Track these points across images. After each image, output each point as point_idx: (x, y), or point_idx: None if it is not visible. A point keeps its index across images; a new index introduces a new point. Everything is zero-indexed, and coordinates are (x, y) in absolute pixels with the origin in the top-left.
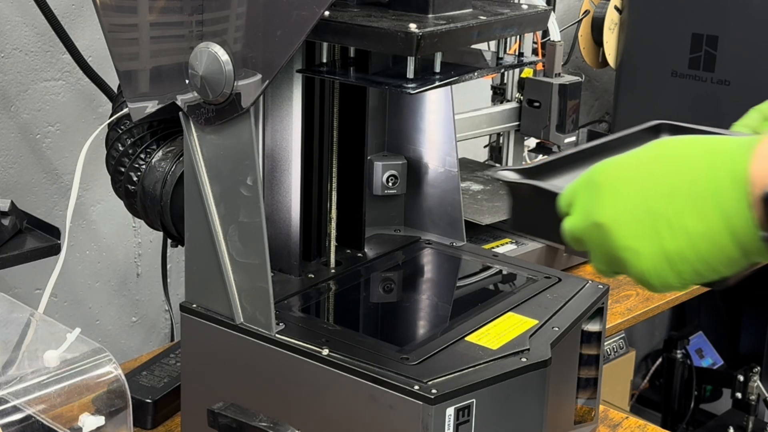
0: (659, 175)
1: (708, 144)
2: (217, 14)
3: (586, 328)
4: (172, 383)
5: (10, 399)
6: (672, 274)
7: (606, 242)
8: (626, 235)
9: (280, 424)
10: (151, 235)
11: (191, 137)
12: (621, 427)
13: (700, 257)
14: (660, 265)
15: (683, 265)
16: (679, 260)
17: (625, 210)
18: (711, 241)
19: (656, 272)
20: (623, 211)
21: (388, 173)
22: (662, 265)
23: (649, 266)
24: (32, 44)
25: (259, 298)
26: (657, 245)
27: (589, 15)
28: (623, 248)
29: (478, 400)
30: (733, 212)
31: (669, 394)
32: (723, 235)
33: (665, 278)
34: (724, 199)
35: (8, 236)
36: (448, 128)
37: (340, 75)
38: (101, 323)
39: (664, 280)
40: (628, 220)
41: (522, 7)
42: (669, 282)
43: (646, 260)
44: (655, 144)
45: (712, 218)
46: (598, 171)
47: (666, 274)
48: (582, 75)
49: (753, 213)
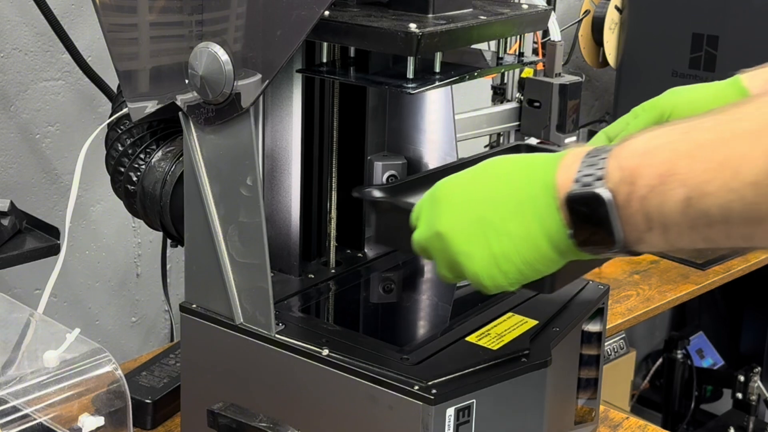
0: (487, 188)
1: (527, 159)
2: (217, 14)
3: (587, 329)
4: (171, 383)
5: (10, 399)
6: (500, 274)
7: (445, 249)
8: (461, 241)
9: (279, 425)
10: (151, 235)
11: (191, 137)
12: (621, 427)
13: (522, 258)
14: (489, 267)
15: (508, 265)
16: (504, 261)
17: (460, 219)
18: (530, 243)
19: (487, 273)
20: (458, 220)
21: (388, 173)
22: (491, 266)
23: (481, 268)
24: (32, 44)
25: (259, 298)
26: (486, 248)
27: (590, 15)
28: (459, 253)
29: (478, 401)
30: (547, 216)
31: (669, 394)
32: (540, 236)
33: (495, 278)
34: (539, 204)
35: (8, 236)
36: (448, 128)
37: (340, 75)
38: (101, 323)
39: (495, 280)
40: (462, 227)
41: (522, 7)
42: (499, 282)
43: (478, 262)
44: (486, 162)
45: (531, 222)
46: (438, 187)
47: (495, 274)
48: (582, 75)
49: (561, 215)
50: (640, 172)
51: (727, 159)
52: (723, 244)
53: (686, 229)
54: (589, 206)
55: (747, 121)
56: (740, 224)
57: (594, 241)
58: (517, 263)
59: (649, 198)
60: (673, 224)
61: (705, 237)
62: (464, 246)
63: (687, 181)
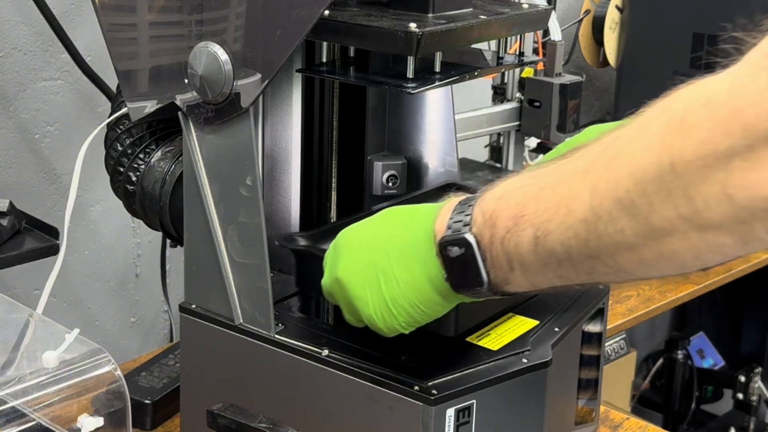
0: (380, 235)
1: (414, 209)
2: (217, 14)
3: (587, 329)
4: (171, 384)
5: (9, 400)
6: (391, 317)
7: (344, 294)
8: (356, 286)
9: (279, 425)
10: (150, 235)
11: (190, 137)
12: (622, 427)
13: (409, 302)
14: (382, 310)
15: (398, 309)
16: (394, 305)
17: (355, 265)
18: (415, 287)
19: (380, 316)
20: (354, 267)
21: (388, 173)
22: (383, 309)
23: (374, 311)
24: (31, 44)
25: (258, 298)
26: (378, 293)
27: (590, 14)
28: (354, 297)
29: (478, 401)
30: (428, 261)
31: (670, 394)
32: (423, 281)
33: (388, 321)
34: (421, 251)
35: (7, 236)
36: (449, 128)
37: (340, 74)
38: (100, 324)
39: (387, 322)
40: (357, 273)
41: (523, 7)
42: (391, 324)
43: (371, 306)
44: (383, 211)
45: (415, 267)
46: (340, 236)
47: (387, 317)
48: (583, 75)
49: (438, 260)
50: (498, 215)
51: (563, 198)
52: (576, 281)
53: (541, 267)
54: (456, 250)
55: (580, 161)
56: (581, 260)
57: (466, 283)
58: (405, 306)
59: (507, 239)
60: (529, 263)
61: (558, 275)
62: (359, 291)
63: (534, 221)
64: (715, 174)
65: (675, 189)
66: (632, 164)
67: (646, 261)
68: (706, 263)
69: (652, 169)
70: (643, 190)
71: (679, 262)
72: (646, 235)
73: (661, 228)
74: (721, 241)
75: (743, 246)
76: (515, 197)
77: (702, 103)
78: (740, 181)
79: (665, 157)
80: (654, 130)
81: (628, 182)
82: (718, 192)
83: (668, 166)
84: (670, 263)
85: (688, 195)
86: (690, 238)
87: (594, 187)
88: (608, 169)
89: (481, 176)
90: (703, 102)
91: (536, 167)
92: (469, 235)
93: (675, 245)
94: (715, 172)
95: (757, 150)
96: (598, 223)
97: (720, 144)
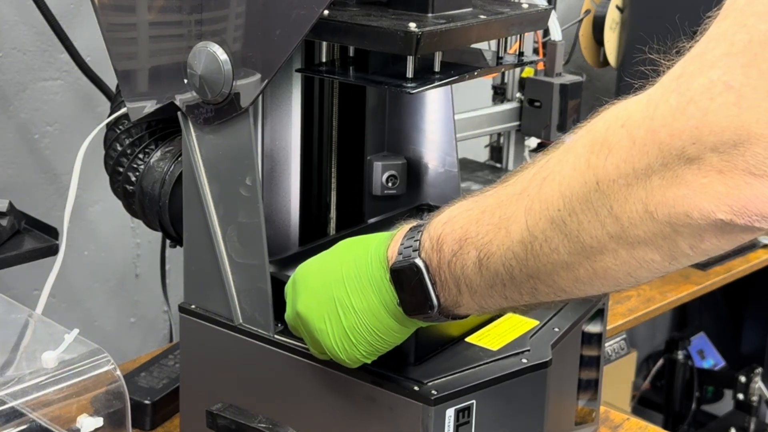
0: (336, 267)
1: (368, 238)
2: (216, 13)
3: (587, 329)
4: (170, 384)
5: (8, 400)
6: (352, 347)
7: (306, 327)
8: (316, 319)
9: (279, 426)
10: (150, 235)
11: (190, 137)
12: (622, 428)
13: (368, 330)
14: (342, 340)
15: (358, 337)
16: (353, 334)
17: (314, 299)
18: (373, 315)
19: (341, 346)
20: (312, 300)
21: (387, 173)
22: (344, 340)
23: (335, 342)
24: (30, 44)
25: (258, 298)
26: (338, 324)
27: (590, 14)
28: (316, 330)
29: (478, 401)
30: (383, 288)
31: (670, 395)
32: (379, 308)
33: (349, 351)
34: (376, 278)
35: (6, 237)
36: (448, 128)
37: (340, 74)
38: (99, 324)
39: (348, 353)
40: (316, 306)
41: (523, 6)
42: (353, 354)
43: (332, 337)
44: (336, 245)
45: (371, 296)
46: (297, 271)
47: (348, 347)
48: (583, 74)
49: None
50: (444, 238)
51: (501, 220)
52: (521, 302)
53: (487, 289)
54: (407, 275)
55: (517, 184)
56: (524, 280)
57: (417, 307)
58: (365, 335)
59: (453, 262)
60: (476, 286)
61: (504, 296)
62: (319, 323)
63: (476, 243)
64: (636, 192)
65: (601, 207)
66: (562, 184)
67: (581, 279)
68: (638, 280)
69: (579, 188)
70: (572, 209)
71: (613, 279)
72: (579, 254)
73: (591, 246)
74: (649, 257)
75: (671, 261)
76: (460, 221)
77: (621, 123)
78: (660, 199)
79: (590, 177)
80: (579, 150)
81: (558, 202)
82: (640, 210)
83: (593, 185)
84: (604, 281)
85: (614, 213)
86: (620, 255)
87: (529, 208)
88: (540, 190)
89: (481, 176)
90: (622, 123)
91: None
92: (418, 260)
93: (607, 262)
94: (636, 190)
95: (673, 168)
96: (534, 242)
97: (638, 163)
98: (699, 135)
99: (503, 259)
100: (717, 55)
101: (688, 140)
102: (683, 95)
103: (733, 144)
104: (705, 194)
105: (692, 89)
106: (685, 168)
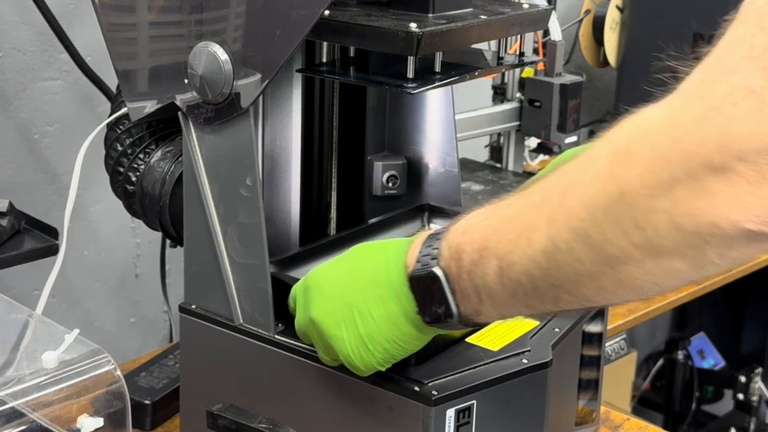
0: (352, 273)
1: (385, 245)
2: (216, 13)
3: (587, 329)
4: (171, 384)
5: (8, 400)
6: (368, 354)
7: (320, 334)
8: (331, 325)
9: (279, 426)
10: (150, 235)
11: (190, 137)
12: (622, 428)
13: (386, 337)
14: (359, 348)
15: (375, 345)
16: (371, 342)
17: (329, 305)
18: (391, 322)
19: (357, 354)
20: (327, 307)
21: (388, 173)
22: (360, 347)
23: (352, 349)
24: (30, 44)
25: (258, 298)
26: (354, 331)
27: (591, 14)
28: (331, 337)
29: (478, 402)
30: (402, 296)
31: (670, 395)
32: (399, 315)
33: (365, 358)
34: (395, 285)
35: (6, 237)
36: (449, 128)
37: (340, 74)
38: (100, 324)
39: (365, 360)
40: (332, 313)
41: (523, 7)
42: (369, 361)
43: (348, 345)
44: (350, 250)
45: (390, 303)
46: (310, 276)
47: (365, 354)
48: (583, 74)
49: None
50: (463, 248)
51: (523, 230)
52: (543, 310)
53: (509, 298)
54: (426, 284)
55: (536, 194)
56: (547, 289)
57: (437, 316)
58: (382, 342)
59: (474, 271)
60: (497, 295)
61: (526, 304)
62: (335, 330)
63: (497, 253)
64: (661, 202)
65: (625, 219)
66: (585, 194)
67: (605, 288)
68: (664, 289)
69: (603, 199)
70: (595, 220)
71: (638, 288)
72: (603, 264)
73: (616, 256)
74: (675, 266)
75: (698, 270)
76: (478, 230)
77: (643, 133)
78: (686, 209)
79: (613, 188)
80: (602, 160)
81: (581, 212)
82: (666, 220)
83: (617, 195)
84: (629, 290)
85: (639, 224)
86: (645, 265)
87: (551, 217)
88: (562, 200)
89: (481, 176)
90: (644, 132)
91: (497, 201)
92: (437, 269)
93: (632, 272)
94: (661, 200)
95: (699, 177)
96: (557, 253)
97: (662, 173)
98: (724, 143)
99: (525, 268)
100: (737, 59)
101: (714, 149)
102: (705, 102)
103: (759, 151)
104: (733, 204)
105: (714, 96)
106: (712, 177)
